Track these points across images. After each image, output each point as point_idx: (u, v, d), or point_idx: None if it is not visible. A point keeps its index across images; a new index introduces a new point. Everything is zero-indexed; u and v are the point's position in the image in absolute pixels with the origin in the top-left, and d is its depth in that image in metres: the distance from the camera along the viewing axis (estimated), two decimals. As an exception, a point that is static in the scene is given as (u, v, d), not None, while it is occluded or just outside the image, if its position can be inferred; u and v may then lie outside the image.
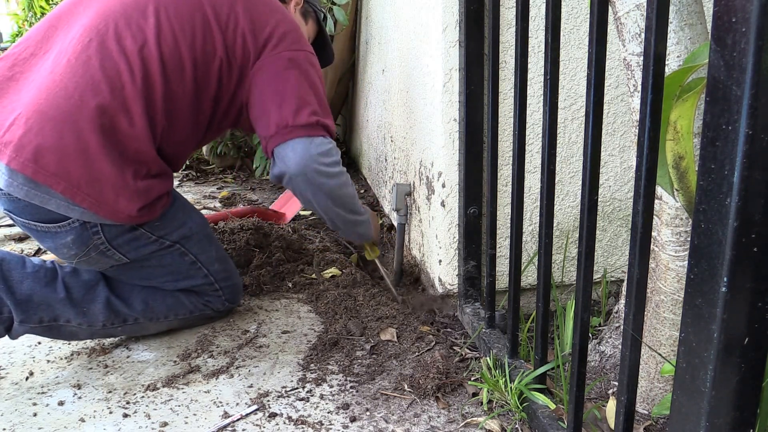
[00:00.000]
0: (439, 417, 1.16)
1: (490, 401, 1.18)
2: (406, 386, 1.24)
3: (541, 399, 1.09)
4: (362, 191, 2.69)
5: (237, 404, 1.21)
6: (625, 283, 1.05)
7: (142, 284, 1.45)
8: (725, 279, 0.56)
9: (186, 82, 1.34)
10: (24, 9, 5.04)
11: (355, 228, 1.59)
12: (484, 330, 1.35)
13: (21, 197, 1.23)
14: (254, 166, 3.01)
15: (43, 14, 4.86)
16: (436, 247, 1.50)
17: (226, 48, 1.37)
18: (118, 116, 1.25)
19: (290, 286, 1.77)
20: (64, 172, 1.21)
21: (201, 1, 1.36)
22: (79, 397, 1.24)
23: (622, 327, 1.08)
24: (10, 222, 2.30)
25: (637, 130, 0.91)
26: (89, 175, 1.23)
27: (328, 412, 1.17)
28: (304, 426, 1.13)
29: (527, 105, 1.15)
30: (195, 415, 1.18)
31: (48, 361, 1.39)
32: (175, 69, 1.31)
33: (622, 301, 1.21)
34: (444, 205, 1.44)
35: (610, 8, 0.93)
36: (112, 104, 1.24)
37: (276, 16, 1.43)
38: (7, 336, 1.34)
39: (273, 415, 1.17)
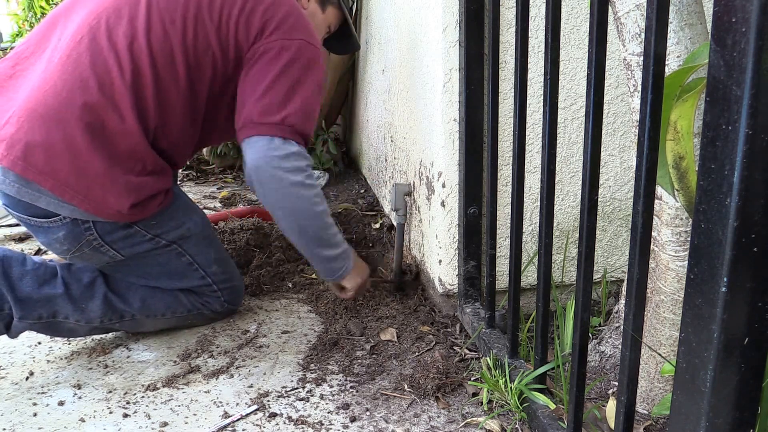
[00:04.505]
0: (439, 417, 1.16)
1: (490, 401, 1.18)
2: (406, 386, 1.24)
3: (541, 399, 1.09)
4: (362, 191, 2.69)
5: (237, 404, 1.21)
6: (625, 283, 1.05)
7: (139, 283, 1.45)
8: (725, 279, 0.56)
9: (178, 75, 1.31)
10: (24, 9, 5.04)
11: (323, 261, 1.43)
12: (484, 330, 1.35)
13: (12, 194, 1.24)
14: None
15: (43, 14, 4.86)
16: (436, 247, 1.50)
17: (219, 40, 1.33)
18: (107, 113, 1.25)
19: (290, 286, 1.77)
20: (52, 170, 1.22)
21: None
22: (79, 397, 1.24)
23: (622, 327, 1.08)
24: (11, 222, 2.31)
25: (637, 130, 0.91)
26: (77, 173, 1.23)
27: (328, 412, 1.17)
28: (304, 426, 1.13)
29: (527, 105, 1.15)
30: (195, 415, 1.18)
31: (48, 361, 1.39)
32: (166, 63, 1.29)
33: (622, 301, 1.20)
34: (444, 205, 1.44)
35: (610, 8, 0.93)
36: (100, 101, 1.24)
37: (267, 1, 1.37)
38: (7, 335, 1.34)
39: (273, 415, 1.17)
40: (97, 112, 1.24)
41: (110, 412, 1.19)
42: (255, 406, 1.20)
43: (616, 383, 1.16)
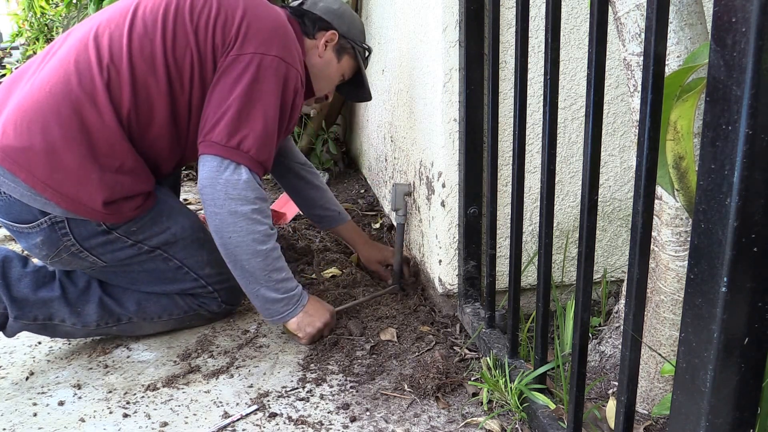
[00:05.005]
0: (439, 417, 1.16)
1: (490, 401, 1.18)
2: (406, 386, 1.24)
3: (541, 399, 1.09)
4: (362, 191, 2.69)
5: (237, 404, 1.21)
6: (625, 283, 1.05)
7: (132, 288, 1.45)
8: (725, 279, 0.56)
9: (158, 73, 1.31)
10: (24, 9, 5.05)
11: (260, 299, 1.36)
12: (484, 330, 1.35)
13: None
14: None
15: (43, 14, 4.86)
16: (436, 247, 1.50)
17: (197, 40, 1.32)
18: (85, 108, 1.26)
19: (290, 286, 1.77)
20: (27, 162, 1.24)
21: None
22: (79, 397, 1.24)
23: (622, 327, 1.08)
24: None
25: (637, 130, 0.91)
26: (51, 167, 1.24)
27: (328, 412, 1.17)
28: (304, 426, 1.13)
29: (527, 105, 1.15)
30: (195, 415, 1.18)
31: (48, 361, 1.39)
32: (145, 60, 1.29)
33: (622, 301, 1.20)
34: (444, 205, 1.44)
35: (610, 8, 0.93)
36: (79, 96, 1.26)
37: (243, 8, 1.34)
38: (3, 333, 1.35)
39: (273, 415, 1.17)
40: (76, 107, 1.25)
41: (110, 412, 1.19)
42: (255, 406, 1.20)
43: (616, 383, 1.16)
